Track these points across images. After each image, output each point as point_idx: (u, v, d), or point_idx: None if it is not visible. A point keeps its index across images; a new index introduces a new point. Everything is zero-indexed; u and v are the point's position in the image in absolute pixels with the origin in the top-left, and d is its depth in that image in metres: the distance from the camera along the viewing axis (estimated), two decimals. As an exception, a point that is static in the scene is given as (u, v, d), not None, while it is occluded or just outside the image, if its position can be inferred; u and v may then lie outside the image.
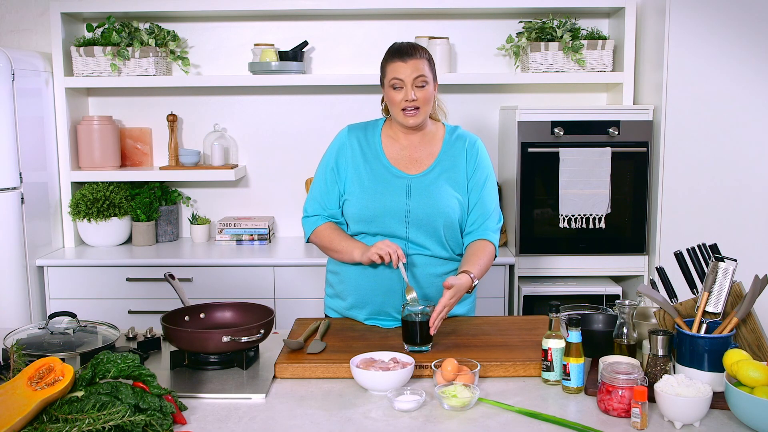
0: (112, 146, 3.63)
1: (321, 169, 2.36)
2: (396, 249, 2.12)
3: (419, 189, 2.25)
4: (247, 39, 3.73)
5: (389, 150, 2.31)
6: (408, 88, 2.18)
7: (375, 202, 2.24)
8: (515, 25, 3.64)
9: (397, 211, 2.23)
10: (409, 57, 2.18)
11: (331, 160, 2.33)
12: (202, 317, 2.13)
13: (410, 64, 2.18)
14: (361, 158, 2.30)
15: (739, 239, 3.19)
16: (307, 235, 2.36)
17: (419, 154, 2.30)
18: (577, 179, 3.28)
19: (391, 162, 2.29)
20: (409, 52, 2.19)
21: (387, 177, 2.27)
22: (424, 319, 2.00)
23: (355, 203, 2.26)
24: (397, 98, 2.20)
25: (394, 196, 2.24)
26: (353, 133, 2.34)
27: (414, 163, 2.29)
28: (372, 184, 2.26)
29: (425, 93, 2.20)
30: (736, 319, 1.77)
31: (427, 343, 2.02)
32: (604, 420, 1.65)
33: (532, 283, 3.41)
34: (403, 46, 2.23)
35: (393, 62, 2.20)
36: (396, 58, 2.20)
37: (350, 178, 2.29)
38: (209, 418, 1.68)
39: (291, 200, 3.82)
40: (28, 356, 1.82)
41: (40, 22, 3.73)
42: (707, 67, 3.16)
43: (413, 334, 2.01)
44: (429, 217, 2.22)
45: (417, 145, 2.31)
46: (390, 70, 2.21)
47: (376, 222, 2.24)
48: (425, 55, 2.22)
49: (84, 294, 3.34)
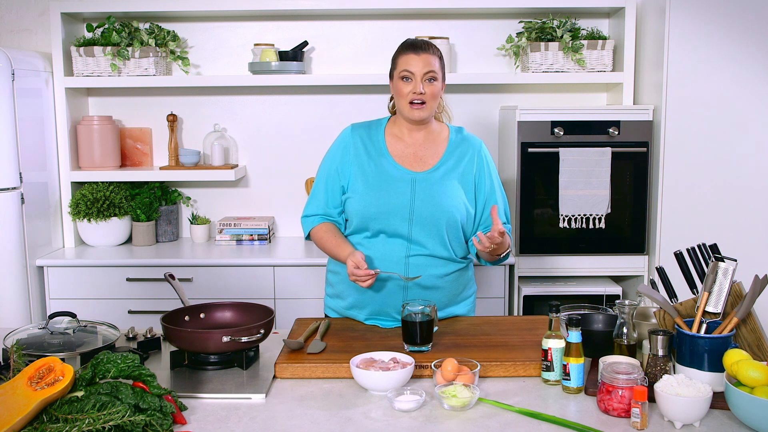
0: (112, 146, 3.63)
1: (323, 170, 2.36)
2: (364, 274, 2.12)
3: (424, 187, 2.25)
4: (247, 39, 3.73)
5: (393, 148, 2.31)
6: (417, 81, 2.21)
7: (378, 199, 2.24)
8: (515, 25, 3.64)
9: (401, 210, 2.23)
10: (423, 51, 2.23)
11: (334, 161, 2.33)
12: (202, 317, 2.13)
13: (423, 57, 2.22)
14: (365, 156, 2.30)
15: (739, 239, 3.19)
16: (305, 234, 2.39)
17: (424, 152, 2.31)
18: (577, 179, 3.28)
19: (396, 159, 2.29)
20: (423, 47, 2.24)
21: (391, 175, 2.26)
22: (424, 319, 2.00)
23: (359, 200, 2.26)
24: (406, 90, 2.23)
25: (398, 194, 2.24)
26: (356, 132, 2.35)
27: (419, 161, 2.29)
28: (376, 181, 2.26)
29: (433, 88, 2.23)
30: (736, 319, 1.77)
31: (427, 343, 2.02)
32: (604, 420, 1.65)
33: (532, 283, 3.41)
34: (417, 41, 2.28)
35: (406, 54, 2.24)
36: (410, 50, 2.24)
37: (354, 176, 2.29)
38: (209, 418, 1.68)
39: (291, 200, 3.82)
40: (28, 356, 1.82)
41: (40, 22, 3.73)
42: (707, 67, 3.17)
43: (413, 334, 2.01)
44: (433, 216, 2.22)
45: (421, 143, 2.32)
46: (402, 62, 2.24)
47: (379, 220, 2.24)
48: (438, 52, 2.27)
49: (84, 294, 3.34)
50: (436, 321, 2.05)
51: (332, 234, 2.31)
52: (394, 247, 2.24)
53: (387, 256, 2.25)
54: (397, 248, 2.24)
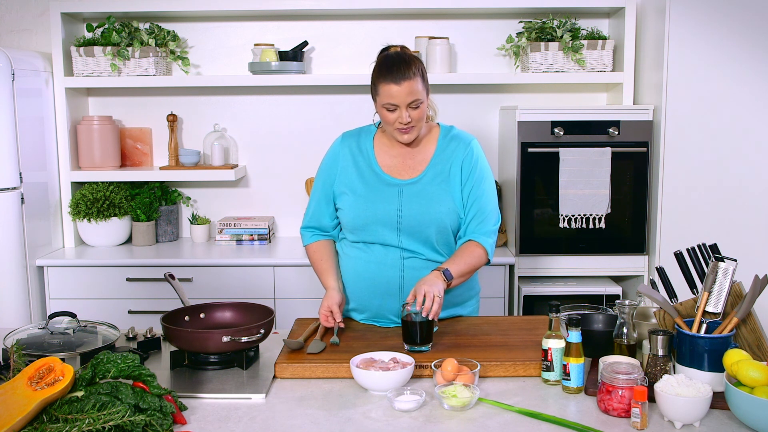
0: (112, 146, 3.63)
1: (316, 183, 2.37)
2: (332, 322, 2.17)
3: (410, 196, 2.22)
4: (247, 39, 3.73)
5: (382, 158, 2.29)
6: (402, 111, 2.13)
7: (366, 210, 2.23)
8: (515, 25, 3.64)
9: (389, 219, 2.22)
10: (403, 78, 2.10)
11: (324, 174, 2.34)
12: (202, 317, 2.13)
13: (404, 86, 2.10)
14: (353, 167, 2.29)
15: (739, 239, 3.19)
16: (304, 245, 2.43)
17: (412, 160, 2.28)
18: (577, 179, 3.28)
19: (384, 169, 2.27)
20: (403, 72, 2.10)
21: (378, 185, 2.25)
22: (423, 319, 2.00)
23: (348, 212, 2.26)
24: (391, 118, 2.16)
25: (385, 204, 2.22)
26: (346, 142, 2.33)
27: (407, 169, 2.27)
28: (364, 192, 2.25)
29: (419, 112, 2.16)
30: (736, 319, 1.77)
31: (427, 343, 2.02)
32: (604, 420, 1.65)
33: (532, 283, 3.41)
34: (395, 63, 2.13)
35: (386, 84, 2.11)
36: (389, 80, 2.11)
37: (343, 187, 2.29)
38: (209, 418, 1.69)
39: (291, 200, 3.82)
40: (28, 356, 1.82)
41: (40, 22, 3.73)
42: (707, 67, 3.16)
43: (413, 334, 2.01)
44: (421, 224, 2.21)
45: (409, 151, 2.29)
46: (383, 93, 2.13)
47: (368, 230, 2.24)
48: (418, 71, 2.13)
49: (84, 294, 3.34)
50: (436, 321, 2.05)
51: (321, 257, 2.35)
52: (388, 252, 2.25)
53: (382, 260, 2.25)
54: (391, 253, 2.25)
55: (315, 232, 2.38)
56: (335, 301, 2.20)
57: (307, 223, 2.40)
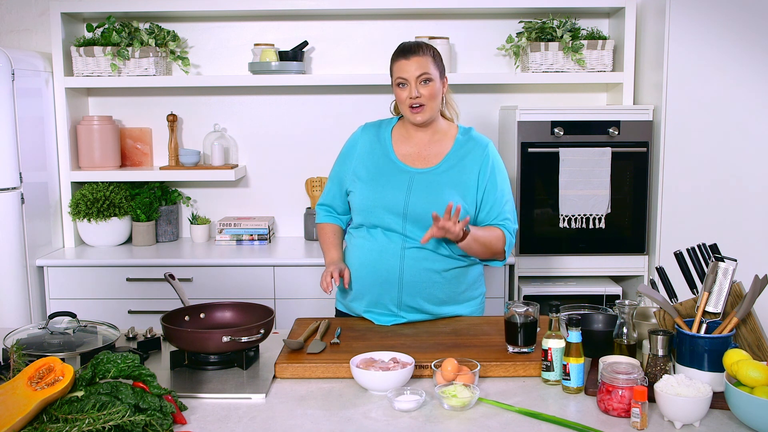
0: (112, 146, 3.63)
1: (334, 167, 2.47)
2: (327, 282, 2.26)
3: (421, 185, 2.26)
4: (247, 39, 3.73)
5: (399, 147, 2.35)
6: (412, 86, 2.23)
7: (374, 193, 2.28)
8: (515, 25, 3.64)
9: (395, 206, 2.25)
10: (413, 54, 2.24)
11: (341, 159, 2.43)
12: (202, 317, 2.13)
13: (413, 61, 2.23)
14: (369, 154, 2.36)
15: (739, 239, 3.19)
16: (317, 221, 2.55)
17: (428, 152, 2.33)
18: (577, 179, 3.28)
19: (399, 157, 2.33)
20: (413, 50, 2.25)
21: (391, 170, 2.31)
22: (526, 320, 1.97)
23: (358, 194, 2.33)
24: (403, 96, 2.26)
25: (394, 189, 2.27)
26: (366, 131, 2.42)
27: (422, 159, 2.32)
28: (374, 175, 2.31)
29: (430, 89, 2.24)
30: (736, 319, 1.77)
31: (530, 345, 1.98)
32: (604, 420, 1.65)
33: (532, 283, 3.41)
34: (408, 44, 2.29)
35: (398, 61, 2.27)
36: (400, 56, 2.26)
37: (357, 172, 2.35)
38: (209, 418, 1.69)
39: (291, 200, 3.83)
40: (28, 356, 1.82)
41: (40, 22, 3.73)
42: (707, 67, 3.16)
43: (515, 335, 1.98)
44: (426, 213, 2.22)
45: (427, 143, 2.34)
46: (396, 69, 2.27)
47: (374, 214, 2.28)
48: (429, 52, 2.26)
49: (84, 294, 3.34)
50: (538, 323, 2.01)
51: (328, 235, 2.46)
52: (391, 239, 2.27)
53: (384, 249, 2.27)
54: (393, 241, 2.26)
55: (329, 211, 2.50)
56: (335, 263, 2.31)
57: (322, 200, 2.51)
